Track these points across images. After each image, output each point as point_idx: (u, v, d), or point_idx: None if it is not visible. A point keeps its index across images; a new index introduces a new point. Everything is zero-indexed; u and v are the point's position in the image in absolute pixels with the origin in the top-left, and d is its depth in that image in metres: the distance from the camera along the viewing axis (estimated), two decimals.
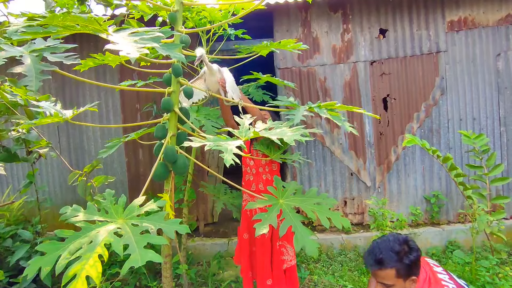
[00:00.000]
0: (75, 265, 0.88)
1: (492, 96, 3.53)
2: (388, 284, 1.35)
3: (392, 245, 1.36)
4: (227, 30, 2.99)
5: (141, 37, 0.86)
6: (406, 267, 1.33)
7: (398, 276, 1.33)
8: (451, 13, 3.51)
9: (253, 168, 2.33)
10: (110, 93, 3.66)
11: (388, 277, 1.34)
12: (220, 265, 3.22)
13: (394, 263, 1.33)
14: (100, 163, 1.87)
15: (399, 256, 1.33)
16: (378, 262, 1.35)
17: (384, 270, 1.34)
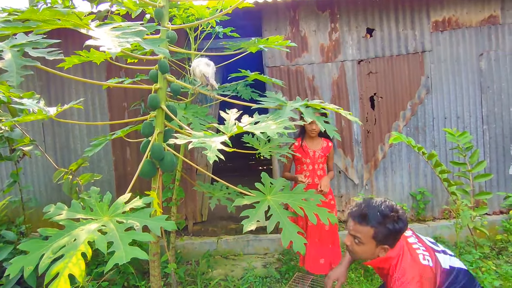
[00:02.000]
0: (58, 264, 0.87)
1: (475, 95, 3.61)
2: (360, 240, 1.34)
3: (383, 207, 1.32)
4: (215, 28, 2.98)
5: (123, 32, 0.85)
6: (385, 232, 1.30)
7: (374, 237, 1.31)
8: (436, 14, 3.58)
9: (309, 165, 2.62)
10: (97, 92, 3.60)
11: (363, 234, 1.32)
12: (209, 263, 3.21)
13: (376, 223, 1.30)
14: (86, 161, 1.84)
15: (384, 220, 1.30)
16: (362, 216, 1.33)
17: (364, 226, 1.32)
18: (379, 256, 1.36)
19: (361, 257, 1.39)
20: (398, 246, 1.36)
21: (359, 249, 1.36)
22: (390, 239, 1.32)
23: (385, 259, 1.35)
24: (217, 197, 2.41)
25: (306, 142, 2.64)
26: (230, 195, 2.43)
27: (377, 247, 1.33)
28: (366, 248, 1.34)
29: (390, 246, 1.33)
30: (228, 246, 3.47)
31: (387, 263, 1.36)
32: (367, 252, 1.35)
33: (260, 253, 3.47)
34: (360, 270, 2.95)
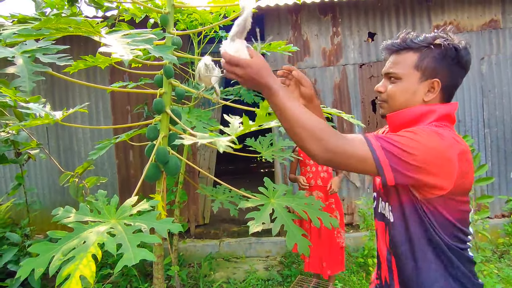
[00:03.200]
0: (69, 265, 0.89)
1: (477, 99, 3.63)
2: (396, 75, 0.93)
3: (433, 33, 0.92)
4: (218, 32, 3.01)
5: (134, 39, 0.87)
6: (437, 58, 0.88)
7: (418, 66, 0.90)
8: (437, 18, 3.61)
9: (313, 167, 2.65)
10: (101, 95, 3.63)
11: (403, 64, 0.92)
12: (211, 266, 3.23)
13: (423, 45, 0.90)
14: (91, 164, 1.86)
15: (435, 40, 0.89)
16: (403, 39, 0.93)
17: (404, 54, 0.93)
18: (422, 104, 0.91)
19: (396, 103, 0.94)
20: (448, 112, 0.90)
21: (396, 89, 0.93)
22: (443, 70, 0.89)
23: (425, 112, 0.89)
24: (220, 200, 2.43)
25: None
26: (233, 198, 2.45)
27: (422, 83, 0.90)
28: (406, 85, 0.91)
29: (443, 82, 0.89)
30: (230, 249, 3.49)
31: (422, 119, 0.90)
32: (407, 91, 0.91)
33: (262, 256, 3.48)
34: (362, 273, 2.96)
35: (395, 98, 0.94)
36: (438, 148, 0.77)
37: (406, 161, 0.76)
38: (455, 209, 0.83)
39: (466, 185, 0.82)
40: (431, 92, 0.90)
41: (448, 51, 0.88)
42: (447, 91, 0.92)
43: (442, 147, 0.78)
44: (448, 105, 0.92)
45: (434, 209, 0.83)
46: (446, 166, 0.78)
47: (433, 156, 0.77)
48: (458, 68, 0.90)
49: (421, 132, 0.79)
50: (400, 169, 0.77)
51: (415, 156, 0.76)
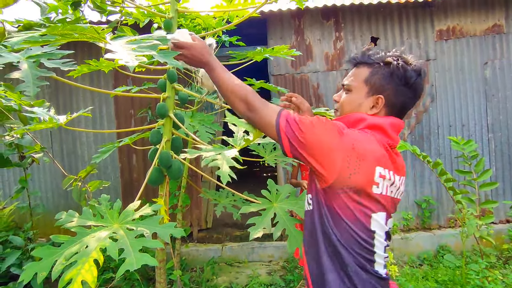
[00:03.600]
0: (71, 270, 0.89)
1: (480, 103, 3.62)
2: (349, 87, 0.99)
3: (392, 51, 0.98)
4: (222, 37, 3.03)
5: (139, 45, 0.88)
6: (386, 77, 0.93)
7: (367, 81, 0.95)
8: (440, 23, 3.61)
9: None
10: (104, 99, 3.66)
11: (355, 77, 0.98)
12: (213, 270, 3.22)
13: (376, 61, 0.95)
14: (94, 168, 1.87)
15: (388, 59, 0.94)
16: (362, 54, 0.99)
17: (359, 68, 0.98)
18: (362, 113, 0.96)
19: (344, 113, 1.00)
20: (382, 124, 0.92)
21: (345, 99, 1.00)
22: (390, 89, 0.93)
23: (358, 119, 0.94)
24: (223, 204, 2.43)
25: None
26: (236, 202, 2.45)
27: (368, 97, 0.95)
28: (354, 97, 0.97)
29: (385, 101, 0.93)
30: (233, 253, 3.47)
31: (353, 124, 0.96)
32: (354, 102, 0.97)
33: (265, 261, 3.47)
34: None
35: (344, 108, 1.01)
36: (327, 138, 0.84)
37: (297, 135, 0.85)
38: (345, 205, 0.85)
39: (354, 184, 0.83)
40: (375, 107, 0.94)
41: (396, 71, 0.92)
42: (394, 109, 0.95)
43: (332, 138, 0.84)
44: (381, 117, 0.94)
45: (329, 202, 0.87)
46: (328, 156, 0.83)
47: (319, 142, 0.84)
48: (405, 89, 0.93)
49: (325, 122, 0.86)
50: (292, 141, 0.86)
51: (305, 134, 0.84)
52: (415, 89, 0.94)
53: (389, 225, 0.92)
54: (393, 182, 0.89)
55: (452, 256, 3.20)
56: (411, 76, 0.92)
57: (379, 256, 0.87)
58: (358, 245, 0.85)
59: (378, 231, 0.86)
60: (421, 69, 0.94)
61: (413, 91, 0.93)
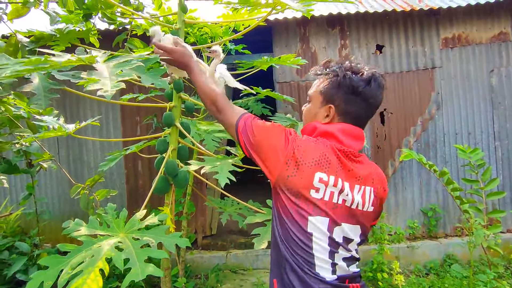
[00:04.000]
0: (77, 280, 0.90)
1: (487, 111, 3.59)
2: (309, 97, 1.05)
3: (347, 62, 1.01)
4: (228, 45, 3.06)
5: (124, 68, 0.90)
6: (335, 86, 0.97)
7: (321, 91, 1.00)
8: (445, 31, 3.61)
9: None
10: (111, 106, 3.70)
11: (314, 89, 1.03)
12: (218, 278, 3.21)
13: (330, 73, 0.99)
14: (102, 177, 1.89)
15: (340, 69, 0.98)
16: (323, 66, 1.04)
17: (319, 78, 1.03)
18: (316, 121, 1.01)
19: (304, 120, 1.08)
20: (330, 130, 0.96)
21: (305, 109, 1.07)
22: (339, 98, 0.97)
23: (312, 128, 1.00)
24: (228, 212, 2.43)
25: None
26: (241, 210, 2.45)
27: (322, 107, 0.99)
28: (311, 107, 1.04)
29: (336, 109, 0.97)
30: (237, 260, 3.46)
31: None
32: (311, 112, 1.04)
33: (269, 268, 3.45)
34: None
35: (304, 118, 1.08)
36: (273, 141, 0.92)
37: (249, 136, 0.95)
38: (285, 205, 0.90)
39: (291, 185, 0.89)
40: (328, 116, 0.99)
41: (342, 81, 0.96)
42: (347, 117, 0.98)
43: (277, 141, 0.92)
44: (331, 124, 0.99)
45: (274, 202, 0.96)
46: (270, 156, 0.91)
47: (266, 143, 0.93)
48: (354, 97, 0.96)
49: (277, 127, 0.96)
50: (245, 141, 0.96)
51: (255, 136, 0.94)
52: (365, 97, 0.96)
53: (339, 233, 0.90)
54: (342, 189, 0.90)
55: (459, 266, 3.16)
56: (357, 85, 0.95)
57: (321, 260, 0.88)
58: (296, 244, 0.89)
59: (317, 234, 0.88)
60: (371, 78, 0.96)
61: (362, 99, 0.96)
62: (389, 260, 3.19)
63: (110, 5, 1.92)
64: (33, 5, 1.95)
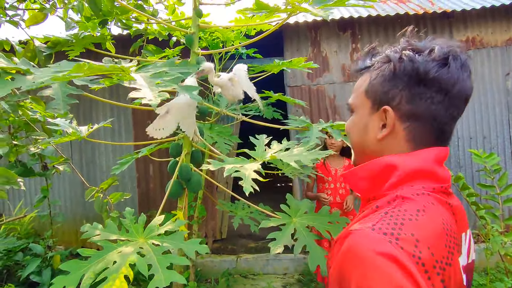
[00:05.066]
0: (102, 286, 0.89)
1: (502, 115, 3.53)
2: (351, 104, 0.70)
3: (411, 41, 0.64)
4: (239, 49, 3.07)
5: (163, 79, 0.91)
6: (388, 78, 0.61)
7: (368, 91, 0.64)
8: (459, 33, 3.56)
9: (331, 183, 2.63)
10: (123, 110, 3.73)
11: (357, 90, 0.69)
12: (228, 282, 3.19)
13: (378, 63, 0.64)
14: (116, 180, 1.90)
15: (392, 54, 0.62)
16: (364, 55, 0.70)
17: (363, 76, 0.68)
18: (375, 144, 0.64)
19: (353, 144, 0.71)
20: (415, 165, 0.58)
21: (349, 123, 0.71)
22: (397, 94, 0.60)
23: (381, 169, 0.60)
24: (240, 216, 2.42)
25: (329, 161, 2.66)
26: (252, 214, 2.44)
27: (373, 114, 0.64)
28: (356, 119, 0.68)
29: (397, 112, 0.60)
30: (248, 265, 3.45)
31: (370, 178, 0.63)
32: (357, 125, 0.68)
33: (280, 273, 3.42)
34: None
35: (350, 136, 0.71)
36: None
37: None
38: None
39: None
40: (386, 126, 0.61)
41: (398, 66, 0.60)
42: (420, 122, 0.60)
43: None
44: (416, 153, 0.59)
45: None
46: None
47: None
48: (424, 89, 0.58)
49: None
50: None
51: None
52: (442, 86, 0.58)
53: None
54: (461, 252, 0.58)
55: (476, 274, 3.09)
56: (426, 68, 0.58)
57: None
58: None
59: None
60: (447, 55, 0.58)
61: (438, 90, 0.58)
62: None
63: (126, 10, 1.94)
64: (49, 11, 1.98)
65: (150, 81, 0.89)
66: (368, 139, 0.65)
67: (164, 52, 2.72)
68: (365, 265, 0.47)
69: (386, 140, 0.62)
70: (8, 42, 1.84)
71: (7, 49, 1.79)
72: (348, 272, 0.49)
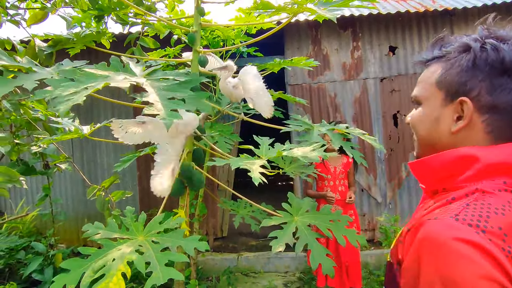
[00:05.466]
0: (99, 283, 0.90)
1: None
2: (417, 98, 0.67)
3: (491, 30, 0.63)
4: (240, 49, 3.06)
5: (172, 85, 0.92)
6: (467, 68, 0.58)
7: (441, 82, 0.62)
8: (460, 31, 3.55)
9: (330, 181, 2.66)
10: (124, 108, 3.74)
11: (425, 81, 0.66)
12: (229, 280, 3.20)
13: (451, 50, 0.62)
14: (117, 178, 1.91)
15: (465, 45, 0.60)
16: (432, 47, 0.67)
17: (430, 67, 0.66)
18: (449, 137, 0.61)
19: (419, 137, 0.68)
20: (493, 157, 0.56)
21: (415, 116, 0.68)
22: (476, 84, 0.58)
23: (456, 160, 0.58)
24: (241, 215, 2.42)
25: (327, 158, 2.66)
26: (253, 213, 2.44)
27: (447, 106, 0.61)
28: (425, 111, 0.65)
29: (476, 104, 0.58)
30: (249, 263, 3.45)
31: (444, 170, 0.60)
32: (426, 118, 0.65)
33: (281, 271, 3.43)
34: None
35: (417, 129, 0.68)
36: None
37: None
38: None
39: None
40: (462, 118, 0.59)
41: (480, 55, 0.58)
42: (501, 115, 0.57)
43: None
44: (502, 147, 0.57)
45: None
46: None
47: None
48: (508, 81, 0.56)
49: None
50: None
51: None
52: None
53: None
54: None
55: None
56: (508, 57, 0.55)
57: None
58: None
59: None
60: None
61: None
62: None
63: (123, 5, 1.93)
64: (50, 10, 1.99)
65: (161, 94, 0.89)
66: (440, 132, 0.63)
67: (165, 50, 2.72)
68: (449, 254, 0.45)
69: (461, 133, 0.60)
70: (9, 42, 1.84)
71: (8, 48, 1.80)
72: (428, 265, 0.48)
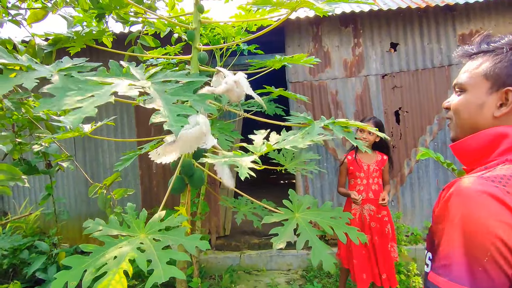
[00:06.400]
0: (102, 281, 0.90)
1: None
2: (462, 86, 0.77)
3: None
4: (240, 46, 3.06)
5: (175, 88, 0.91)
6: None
7: (488, 74, 0.72)
8: (462, 27, 3.52)
9: (363, 179, 2.58)
10: (126, 107, 3.74)
11: (472, 71, 0.75)
12: (232, 279, 3.21)
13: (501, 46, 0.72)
14: (119, 176, 1.91)
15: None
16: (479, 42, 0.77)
17: (476, 59, 0.76)
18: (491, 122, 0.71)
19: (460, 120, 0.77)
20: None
21: (460, 102, 0.77)
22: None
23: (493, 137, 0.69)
24: (242, 212, 2.42)
25: (360, 156, 2.62)
26: (255, 210, 2.44)
27: (492, 94, 0.71)
28: (469, 97, 0.75)
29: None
30: (251, 261, 3.46)
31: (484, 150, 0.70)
32: (471, 103, 0.74)
33: (283, 269, 3.43)
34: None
35: (458, 114, 0.77)
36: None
37: None
38: None
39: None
40: (505, 105, 0.69)
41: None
42: None
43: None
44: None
45: None
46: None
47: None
48: None
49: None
50: None
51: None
52: None
53: None
54: None
55: None
56: None
57: None
58: None
59: None
60: None
61: None
62: (406, 261, 3.14)
63: (124, 4, 1.93)
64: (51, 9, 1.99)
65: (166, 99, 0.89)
66: (483, 116, 0.72)
67: (166, 49, 2.72)
68: (471, 200, 0.57)
69: (503, 117, 0.70)
70: (10, 41, 1.85)
71: (9, 48, 1.80)
72: (453, 208, 0.59)
